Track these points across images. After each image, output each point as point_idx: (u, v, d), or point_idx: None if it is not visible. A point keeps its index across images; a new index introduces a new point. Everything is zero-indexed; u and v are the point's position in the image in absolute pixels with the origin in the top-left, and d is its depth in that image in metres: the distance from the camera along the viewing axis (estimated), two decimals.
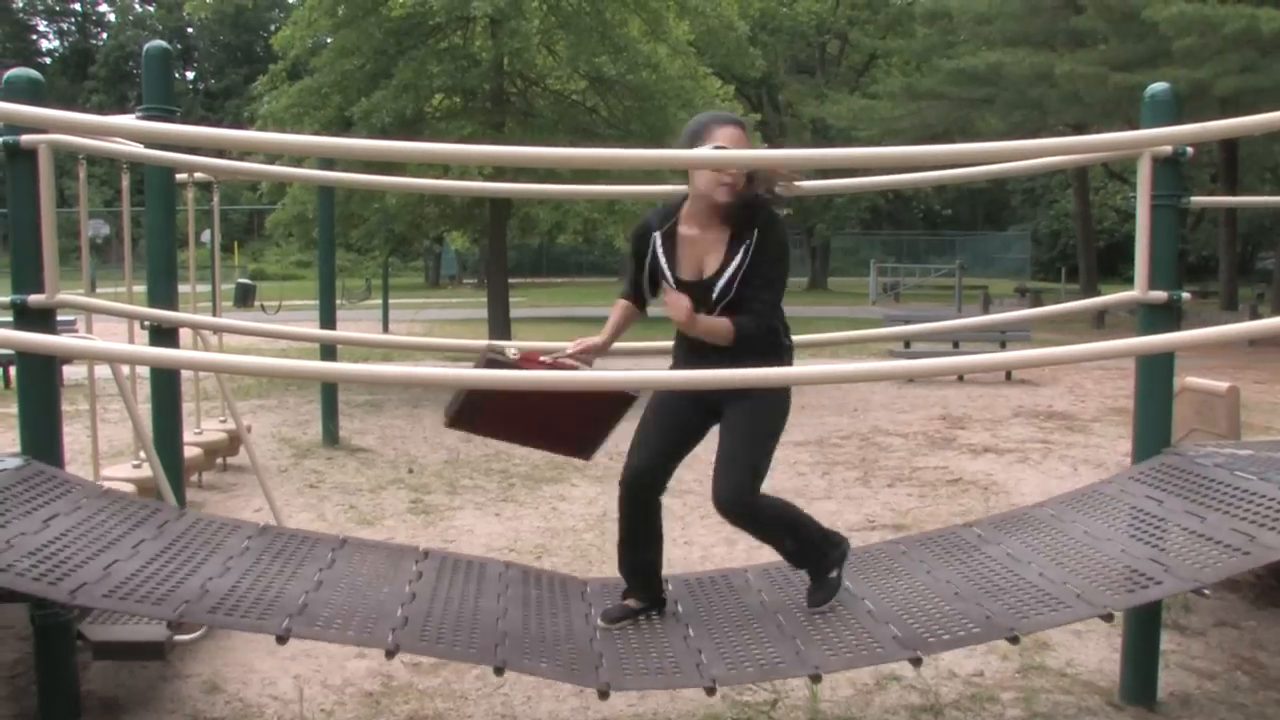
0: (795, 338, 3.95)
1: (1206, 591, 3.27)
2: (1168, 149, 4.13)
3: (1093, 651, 4.96)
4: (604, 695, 3.32)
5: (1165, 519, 3.74)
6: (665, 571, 4.16)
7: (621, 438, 4.10)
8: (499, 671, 3.32)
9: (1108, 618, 3.37)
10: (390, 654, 3.24)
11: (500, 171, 11.30)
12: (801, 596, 3.96)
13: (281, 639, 3.16)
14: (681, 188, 3.94)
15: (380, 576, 3.87)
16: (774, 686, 4.52)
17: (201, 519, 4.16)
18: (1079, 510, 4.16)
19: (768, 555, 6.33)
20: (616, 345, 4.12)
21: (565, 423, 4.01)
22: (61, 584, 3.11)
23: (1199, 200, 4.94)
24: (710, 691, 3.36)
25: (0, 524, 3.31)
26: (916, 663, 3.35)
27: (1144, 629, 4.33)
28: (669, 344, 4.05)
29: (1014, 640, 3.41)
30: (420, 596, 3.70)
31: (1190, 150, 4.22)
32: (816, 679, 3.40)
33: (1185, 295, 4.23)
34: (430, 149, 3.70)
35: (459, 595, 3.83)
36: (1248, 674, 4.73)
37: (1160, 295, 4.18)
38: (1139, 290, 4.21)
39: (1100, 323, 24.32)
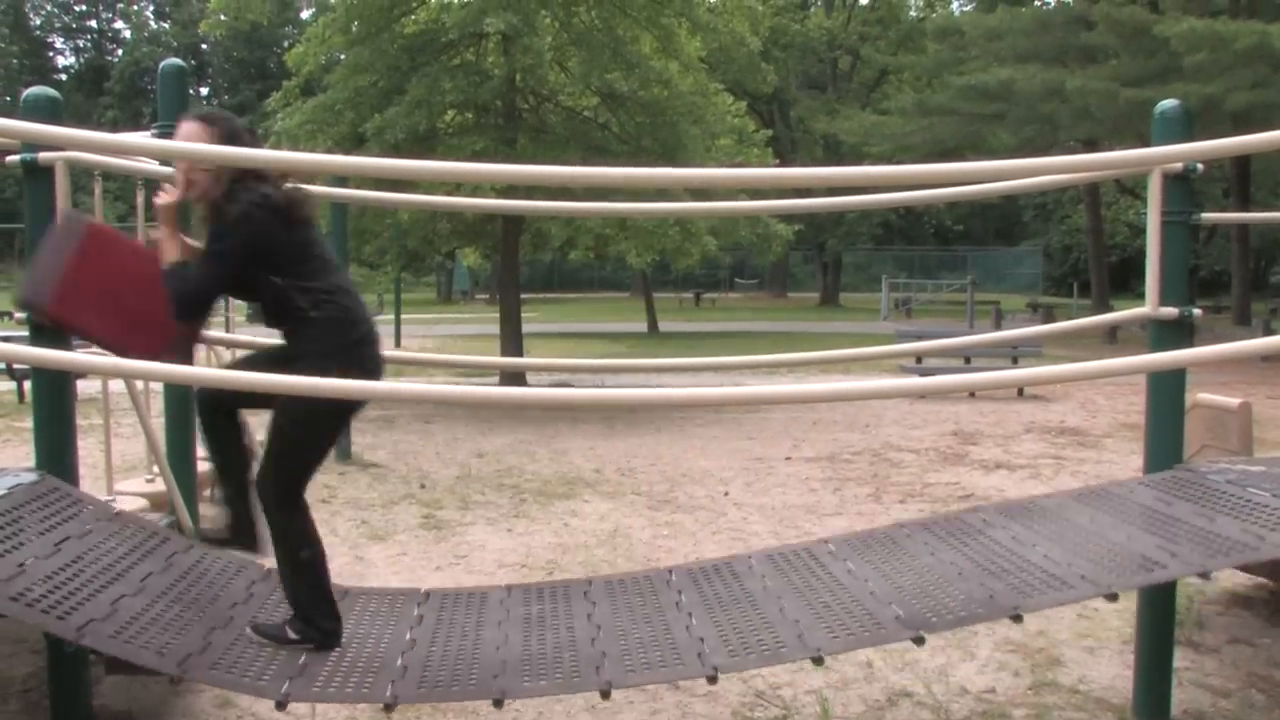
0: (808, 354, 3.93)
1: (1213, 575, 3.27)
2: (1178, 166, 4.13)
3: (1105, 668, 4.94)
4: (605, 695, 3.33)
5: (1174, 518, 3.74)
6: (670, 563, 4.16)
7: (631, 454, 4.11)
8: (498, 704, 3.33)
9: (1112, 598, 3.36)
10: (389, 708, 3.26)
11: (512, 188, 11.34)
12: (805, 581, 3.95)
13: (280, 704, 3.19)
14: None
15: (381, 626, 3.87)
16: (784, 703, 4.52)
17: (208, 555, 4.15)
18: (1086, 504, 4.16)
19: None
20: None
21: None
22: (70, 619, 3.12)
23: (1210, 217, 4.94)
24: (712, 680, 3.36)
25: (15, 545, 3.33)
26: (919, 641, 3.33)
27: (1157, 645, 4.31)
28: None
29: (1018, 619, 3.39)
30: (420, 642, 3.72)
31: (1201, 167, 4.22)
32: (818, 661, 3.37)
33: (1197, 311, 4.23)
34: (442, 167, 3.72)
35: (460, 632, 3.84)
36: (1263, 692, 4.71)
37: (1171, 312, 4.18)
38: (1150, 307, 4.21)
39: (1112, 338, 24.26)
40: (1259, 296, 35.53)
